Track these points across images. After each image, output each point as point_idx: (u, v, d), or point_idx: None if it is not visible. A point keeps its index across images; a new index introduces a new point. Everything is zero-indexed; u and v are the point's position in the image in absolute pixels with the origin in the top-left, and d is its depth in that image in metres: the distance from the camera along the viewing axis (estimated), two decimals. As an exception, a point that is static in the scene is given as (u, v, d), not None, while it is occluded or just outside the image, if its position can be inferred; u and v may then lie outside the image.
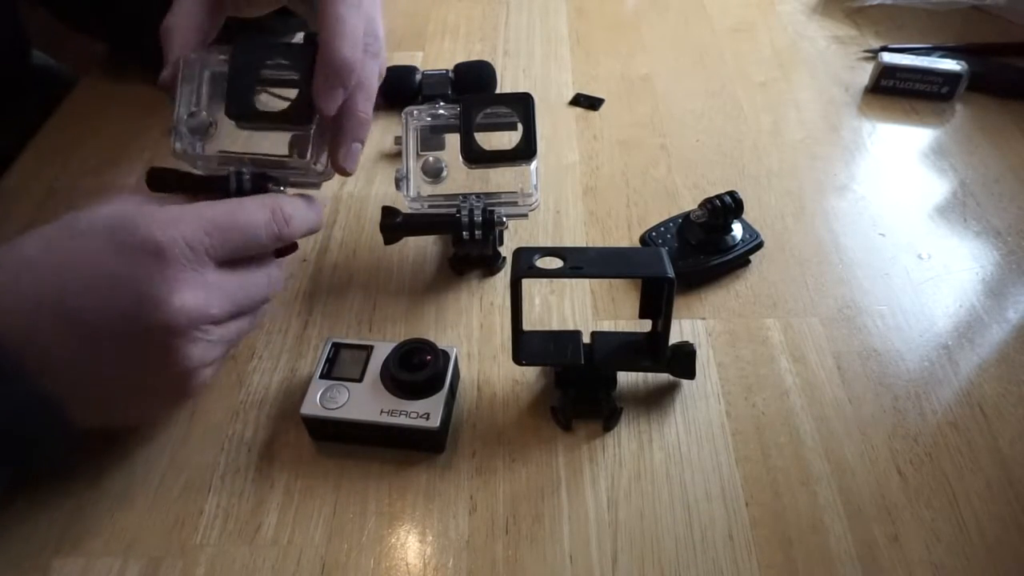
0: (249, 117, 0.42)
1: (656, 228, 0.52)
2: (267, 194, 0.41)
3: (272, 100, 0.43)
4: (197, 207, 0.37)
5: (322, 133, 0.43)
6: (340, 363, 0.42)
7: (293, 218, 0.40)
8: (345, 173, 0.44)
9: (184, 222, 0.36)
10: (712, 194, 0.50)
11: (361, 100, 0.43)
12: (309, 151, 0.43)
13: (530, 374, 0.45)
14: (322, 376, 0.42)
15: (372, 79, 0.44)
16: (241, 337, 0.41)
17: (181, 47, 0.43)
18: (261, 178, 0.43)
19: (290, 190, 0.44)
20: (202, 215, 0.37)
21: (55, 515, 0.39)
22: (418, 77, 0.64)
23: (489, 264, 0.51)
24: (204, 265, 0.36)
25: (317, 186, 0.46)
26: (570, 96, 0.67)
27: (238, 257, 0.39)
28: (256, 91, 0.43)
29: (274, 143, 0.45)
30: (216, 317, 0.37)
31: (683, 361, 0.42)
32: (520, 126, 0.47)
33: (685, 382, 0.44)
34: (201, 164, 0.44)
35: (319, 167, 0.44)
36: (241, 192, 0.42)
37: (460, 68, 0.65)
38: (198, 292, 0.36)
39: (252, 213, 0.39)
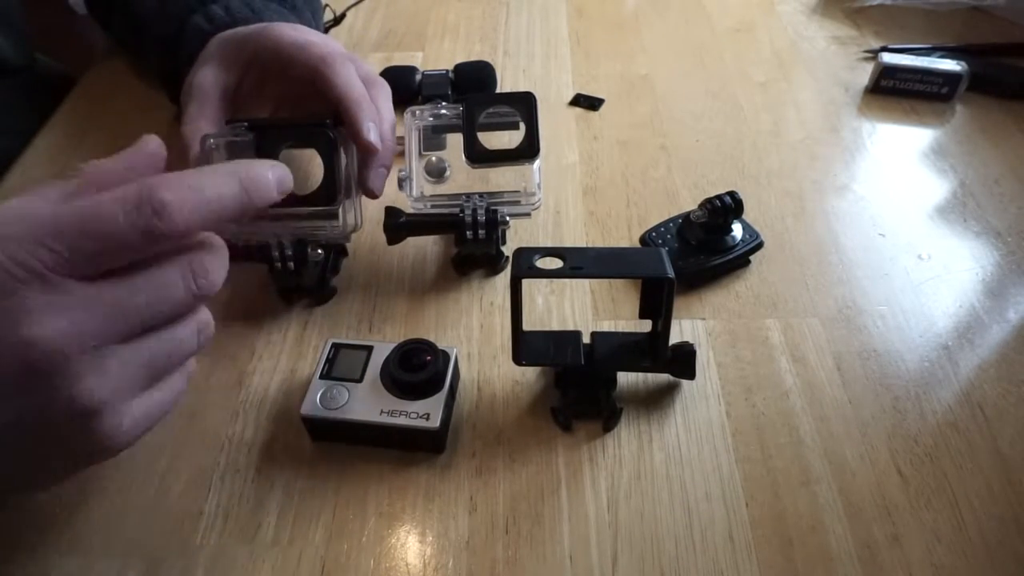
0: (283, 202, 0.44)
1: (656, 228, 0.52)
2: (139, 180, 0.31)
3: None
4: (34, 215, 0.29)
5: (347, 197, 0.46)
6: (340, 363, 0.42)
7: (170, 204, 0.30)
8: (373, 196, 0.46)
9: (11, 240, 0.28)
10: (712, 194, 0.50)
11: (387, 130, 0.46)
12: (340, 219, 0.46)
13: (530, 374, 0.45)
14: (322, 376, 0.42)
15: (389, 108, 0.48)
16: (176, 357, 0.33)
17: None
18: (300, 244, 0.46)
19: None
20: (39, 223, 0.29)
21: (55, 515, 0.39)
22: (418, 77, 0.64)
23: (492, 264, 0.51)
24: (53, 285, 0.28)
25: (348, 239, 0.48)
26: (570, 96, 0.67)
27: (112, 264, 0.30)
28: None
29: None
30: (99, 335, 0.29)
31: (683, 361, 0.42)
32: (522, 125, 0.47)
33: (685, 382, 0.44)
34: (236, 235, 0.46)
35: (348, 228, 0.47)
36: (283, 255, 0.45)
37: (460, 68, 0.65)
38: (55, 318, 0.28)
39: (106, 212, 0.29)
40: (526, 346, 0.42)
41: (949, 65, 0.64)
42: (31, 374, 0.28)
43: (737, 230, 0.51)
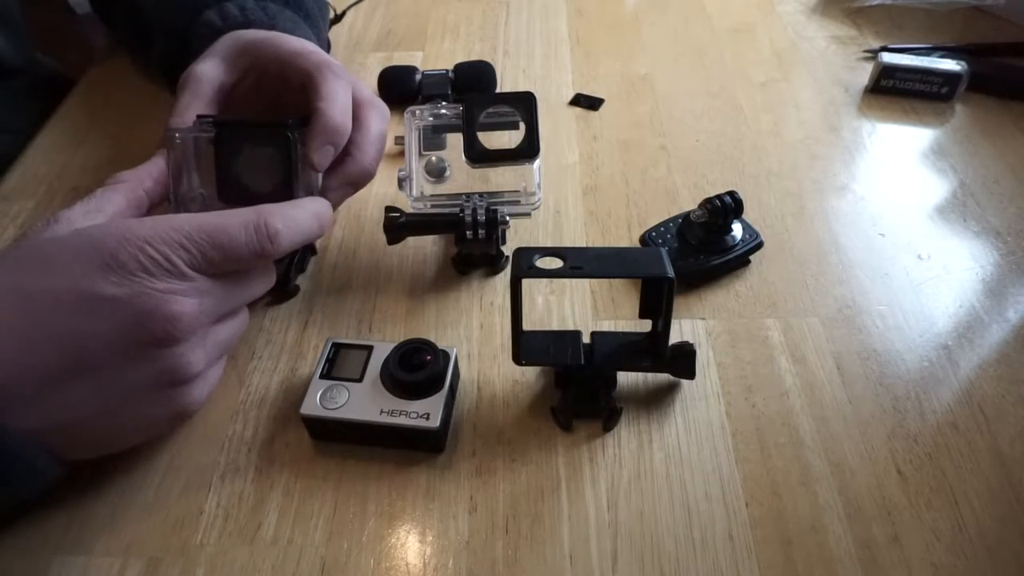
0: (240, 199, 0.44)
1: (656, 228, 0.52)
2: (255, 208, 0.39)
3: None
4: (173, 221, 0.37)
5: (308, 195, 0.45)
6: (340, 363, 0.42)
7: (280, 233, 0.39)
8: (317, 168, 0.44)
9: (159, 239, 0.35)
10: (712, 194, 0.50)
11: (370, 152, 0.46)
12: None
13: (530, 374, 0.45)
14: (322, 376, 0.42)
15: (379, 130, 0.47)
16: (234, 339, 0.41)
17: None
18: None
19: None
20: (179, 229, 0.36)
21: (55, 515, 0.39)
22: (418, 77, 0.64)
23: (492, 264, 0.51)
24: (188, 277, 0.36)
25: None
26: (570, 96, 0.67)
27: (225, 269, 0.38)
28: (242, 172, 0.45)
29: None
30: (210, 319, 0.38)
31: (683, 361, 0.42)
32: (522, 125, 0.47)
33: (685, 382, 0.44)
34: None
35: None
36: None
37: (460, 68, 0.65)
38: (191, 299, 0.36)
39: (233, 232, 0.37)
40: (526, 346, 0.42)
41: (949, 65, 0.64)
42: (165, 342, 0.35)
43: (737, 230, 0.51)
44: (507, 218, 0.48)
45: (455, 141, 0.48)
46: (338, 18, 0.78)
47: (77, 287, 0.34)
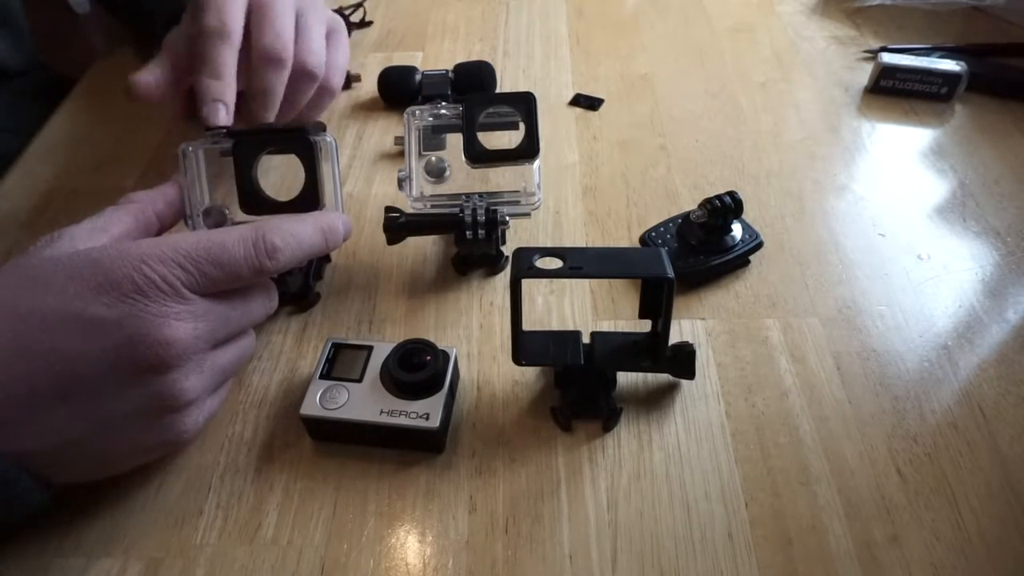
0: (262, 209, 0.44)
1: (656, 228, 0.52)
2: (254, 224, 0.39)
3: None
4: (170, 240, 0.36)
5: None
6: (340, 363, 0.42)
7: (279, 249, 0.38)
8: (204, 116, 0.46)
9: (155, 258, 0.35)
10: (712, 194, 0.50)
11: (315, 62, 0.51)
12: None
13: (530, 374, 0.45)
14: (322, 376, 0.42)
15: (327, 50, 0.52)
16: (236, 366, 0.41)
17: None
18: None
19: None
20: (176, 248, 0.36)
21: (55, 515, 0.39)
22: (418, 77, 0.64)
23: (492, 264, 0.51)
24: (185, 298, 0.35)
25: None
26: (570, 96, 0.67)
27: (225, 287, 0.37)
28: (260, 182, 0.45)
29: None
30: (209, 341, 0.37)
31: (683, 361, 0.42)
32: (522, 125, 0.47)
33: (685, 382, 0.44)
34: None
35: None
36: None
37: (460, 68, 0.65)
38: (185, 323, 0.35)
39: (231, 249, 0.37)
40: (526, 346, 0.42)
41: (948, 65, 0.64)
42: (157, 368, 0.34)
43: (737, 230, 0.51)
44: (507, 218, 0.48)
45: (455, 141, 0.48)
46: (364, 22, 0.78)
47: (69, 308, 0.33)
